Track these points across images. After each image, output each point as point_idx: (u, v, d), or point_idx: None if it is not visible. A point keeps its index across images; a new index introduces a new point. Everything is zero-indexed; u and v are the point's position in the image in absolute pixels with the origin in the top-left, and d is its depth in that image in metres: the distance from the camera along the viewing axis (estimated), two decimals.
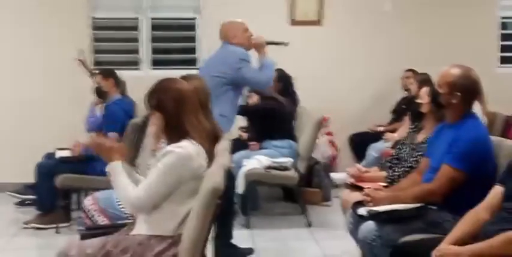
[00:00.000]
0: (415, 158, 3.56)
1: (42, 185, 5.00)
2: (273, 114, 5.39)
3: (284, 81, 5.78)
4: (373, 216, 3.02)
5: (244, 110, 5.52)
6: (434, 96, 3.35)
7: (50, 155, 5.37)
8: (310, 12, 6.67)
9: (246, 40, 4.49)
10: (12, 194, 5.57)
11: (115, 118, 5.02)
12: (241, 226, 4.98)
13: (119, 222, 3.28)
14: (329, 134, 6.35)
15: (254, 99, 5.50)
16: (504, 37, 6.97)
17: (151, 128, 2.86)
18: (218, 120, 3.81)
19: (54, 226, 4.89)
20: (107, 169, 2.76)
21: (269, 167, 5.07)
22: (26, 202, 5.56)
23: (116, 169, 2.74)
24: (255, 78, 4.32)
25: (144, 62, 6.66)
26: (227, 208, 4.32)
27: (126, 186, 2.69)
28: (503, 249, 2.39)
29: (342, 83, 6.65)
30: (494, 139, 3.23)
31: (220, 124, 3.80)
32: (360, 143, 6.19)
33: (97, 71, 5.54)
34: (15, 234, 4.85)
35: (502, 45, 6.94)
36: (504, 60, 6.98)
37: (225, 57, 4.35)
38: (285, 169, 5.10)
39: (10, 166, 6.27)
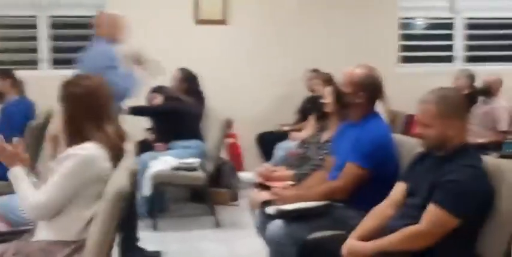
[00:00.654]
0: (320, 157, 3.61)
1: None
2: (177, 115, 5.34)
3: (190, 80, 5.74)
4: (281, 214, 3.04)
5: (147, 111, 5.46)
6: (338, 96, 3.40)
7: None
8: (215, 12, 6.67)
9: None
10: None
11: (12, 120, 4.83)
12: (148, 228, 4.90)
13: (20, 228, 3.15)
14: (231, 136, 6.34)
15: (158, 100, 5.42)
16: (405, 37, 7.22)
17: (50, 132, 2.78)
18: None
19: None
20: (9, 174, 2.64)
21: (176, 168, 5.02)
22: None
23: (18, 174, 2.64)
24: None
25: (42, 61, 6.44)
26: (130, 211, 4.31)
27: (27, 191, 2.59)
28: (404, 243, 2.47)
29: (247, 82, 6.69)
30: (396, 137, 3.32)
31: None
32: (267, 143, 6.24)
33: None
34: None
35: (402, 45, 7.18)
36: (404, 60, 7.23)
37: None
38: (193, 169, 5.06)
39: None
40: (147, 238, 4.67)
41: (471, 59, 7.36)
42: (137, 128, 5.52)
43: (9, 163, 2.67)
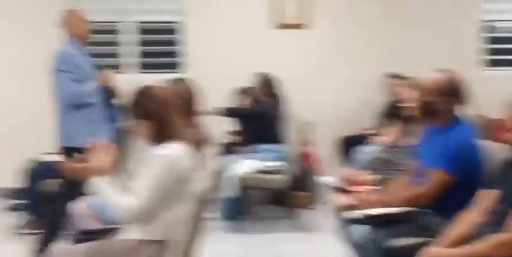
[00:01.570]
0: (404, 162, 3.56)
1: (32, 189, 4.97)
2: (263, 118, 5.37)
3: (269, 85, 5.76)
4: (367, 219, 3.02)
5: (240, 113, 5.49)
6: (421, 103, 3.33)
7: (39, 160, 5.33)
8: (294, 16, 6.69)
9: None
10: (2, 198, 5.56)
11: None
12: (231, 230, 4.97)
13: (109, 227, 3.25)
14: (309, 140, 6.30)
15: (246, 102, 5.44)
16: (492, 40, 7.01)
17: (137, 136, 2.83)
18: None
19: (45, 231, 4.85)
20: (92, 185, 2.71)
21: (261, 171, 5.06)
22: (18, 207, 5.52)
23: (99, 185, 2.69)
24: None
25: (128, 66, 6.63)
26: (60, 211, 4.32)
27: (117, 199, 2.64)
28: (492, 251, 2.41)
29: (327, 86, 6.66)
30: (483, 142, 3.24)
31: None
32: (347, 147, 6.20)
33: None
34: (6, 239, 4.81)
35: (489, 48, 6.98)
36: (491, 64, 7.03)
37: None
38: (277, 172, 5.09)
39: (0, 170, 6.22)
40: (229, 239, 4.75)
41: None
42: (219, 131, 5.61)
43: (85, 178, 2.73)
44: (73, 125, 4.15)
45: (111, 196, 2.65)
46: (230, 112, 5.33)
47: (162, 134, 2.72)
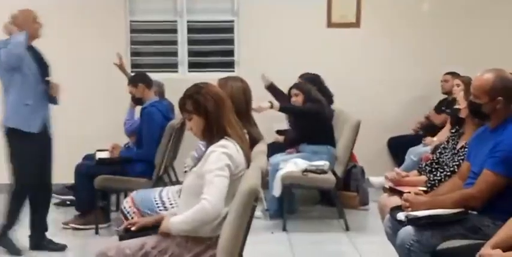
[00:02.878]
0: (456, 163, 3.50)
1: (82, 186, 5.07)
2: (317, 118, 5.31)
3: (317, 83, 5.72)
4: (412, 221, 2.98)
5: (294, 110, 5.46)
6: (472, 106, 3.25)
7: (89, 157, 5.44)
8: (348, 15, 6.64)
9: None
10: (55, 194, 5.67)
11: (152, 120, 5.04)
12: (277, 228, 4.97)
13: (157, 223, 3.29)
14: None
15: (299, 99, 5.40)
16: None
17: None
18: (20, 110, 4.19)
19: (93, 226, 4.95)
20: (164, 231, 2.74)
21: (306, 170, 5.05)
22: (66, 203, 5.65)
23: (172, 226, 2.71)
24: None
25: (181, 65, 6.71)
26: (45, 199, 4.58)
27: (191, 213, 2.66)
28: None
29: (379, 85, 6.59)
30: None
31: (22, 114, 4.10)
32: (398, 147, 6.13)
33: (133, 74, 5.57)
34: (54, 234, 4.89)
35: None
36: None
37: None
38: (322, 172, 5.07)
39: (54, 167, 6.37)
40: (275, 238, 4.75)
41: None
42: (269, 129, 5.63)
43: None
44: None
45: (184, 218, 2.68)
46: (283, 109, 5.33)
47: (214, 132, 2.75)
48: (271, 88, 5.88)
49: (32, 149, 4.35)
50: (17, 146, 4.35)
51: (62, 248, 4.55)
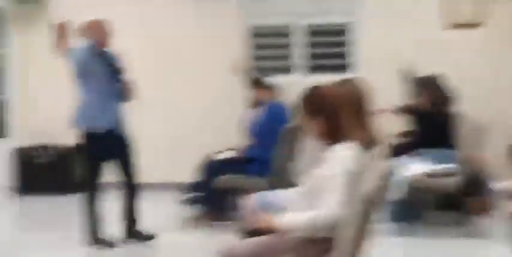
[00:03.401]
0: None
1: (206, 184, 5.23)
2: (439, 120, 5.20)
3: (438, 85, 5.55)
4: None
5: (409, 110, 5.36)
6: None
7: (213, 156, 5.61)
8: (469, 15, 6.41)
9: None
10: (182, 191, 5.89)
11: (271, 122, 5.12)
12: (398, 233, 4.89)
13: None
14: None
15: (424, 100, 5.27)
16: None
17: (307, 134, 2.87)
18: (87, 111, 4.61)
19: (216, 224, 5.09)
20: (280, 228, 2.76)
21: (430, 174, 4.93)
22: (193, 200, 5.84)
23: (284, 228, 2.73)
24: None
25: (298, 68, 6.76)
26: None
27: (305, 218, 2.68)
28: None
29: (499, 88, 6.32)
30: None
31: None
32: None
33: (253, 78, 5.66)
34: (179, 230, 5.11)
35: None
36: None
37: None
38: (446, 176, 4.93)
39: (177, 165, 6.64)
40: (397, 243, 4.67)
41: None
42: (391, 131, 5.55)
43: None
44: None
45: (300, 219, 2.70)
46: (404, 109, 5.23)
47: (333, 134, 2.75)
48: (404, 109, 5.70)
49: (98, 149, 4.64)
50: (85, 145, 4.68)
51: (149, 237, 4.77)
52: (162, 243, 4.76)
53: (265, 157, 5.02)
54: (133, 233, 4.83)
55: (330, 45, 6.77)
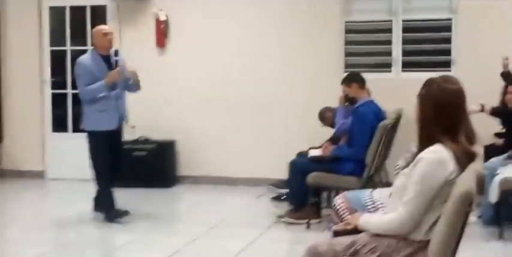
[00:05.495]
0: None
1: (295, 181, 5.26)
2: None
3: None
4: None
5: (502, 113, 5.19)
6: None
7: (302, 154, 5.62)
8: None
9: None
10: (271, 187, 5.97)
11: (364, 120, 5.07)
12: (492, 236, 4.74)
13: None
14: None
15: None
16: None
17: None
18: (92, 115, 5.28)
19: (305, 221, 5.11)
20: (361, 225, 2.81)
21: None
22: (281, 198, 5.89)
23: (366, 224, 2.79)
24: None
25: (395, 64, 6.65)
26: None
27: (383, 219, 2.72)
28: None
29: None
30: None
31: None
32: None
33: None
34: (269, 227, 5.17)
35: None
36: None
37: None
38: None
39: (268, 162, 6.71)
40: (489, 246, 4.53)
41: None
42: (487, 132, 5.37)
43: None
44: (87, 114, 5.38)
45: (377, 220, 2.75)
46: (494, 112, 5.05)
47: (426, 135, 2.70)
48: (506, 75, 5.55)
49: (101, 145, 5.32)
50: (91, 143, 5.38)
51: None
52: (253, 239, 4.82)
53: (356, 156, 4.98)
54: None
55: (428, 42, 6.61)
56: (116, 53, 5.38)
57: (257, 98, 6.91)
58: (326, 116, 5.90)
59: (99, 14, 7.43)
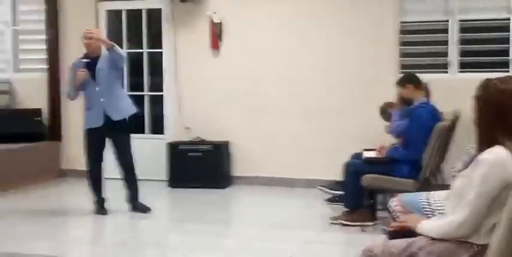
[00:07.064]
0: None
1: (349, 183, 5.23)
2: None
3: None
4: None
5: None
6: None
7: (357, 155, 5.59)
8: None
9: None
10: (323, 188, 5.94)
11: (420, 121, 5.01)
12: None
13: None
14: None
15: None
16: None
17: None
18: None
19: (359, 224, 5.08)
20: (419, 229, 2.80)
21: None
22: (336, 199, 5.87)
23: (424, 228, 2.77)
24: None
25: (452, 65, 6.55)
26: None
27: (442, 222, 2.70)
28: None
29: None
30: None
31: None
32: None
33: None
34: (323, 229, 5.16)
35: None
36: None
37: None
38: None
39: (322, 163, 6.70)
40: None
41: None
42: None
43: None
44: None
45: (436, 224, 2.72)
46: None
47: (487, 136, 2.65)
48: None
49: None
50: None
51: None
52: (307, 241, 4.82)
53: (413, 158, 4.92)
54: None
55: (485, 42, 6.49)
56: (93, 59, 5.65)
57: (310, 99, 6.91)
58: (387, 111, 5.86)
59: (154, 17, 7.56)
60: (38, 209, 6.06)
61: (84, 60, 5.66)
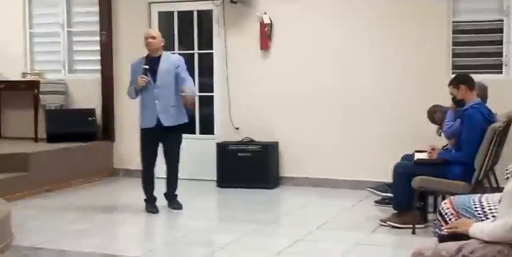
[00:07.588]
0: None
1: (399, 185, 5.16)
2: None
3: None
4: None
5: None
6: None
7: (408, 157, 5.52)
8: None
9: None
10: (371, 190, 5.88)
11: (473, 123, 4.91)
12: None
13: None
14: None
15: None
16: None
17: None
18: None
19: (410, 226, 5.01)
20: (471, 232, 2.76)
21: None
22: (385, 200, 5.81)
23: (476, 232, 2.73)
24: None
25: (506, 65, 6.40)
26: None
27: (495, 225, 2.65)
28: None
29: None
30: None
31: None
32: None
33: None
34: (373, 230, 5.11)
35: None
36: None
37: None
38: None
39: (372, 164, 6.65)
40: None
41: None
42: None
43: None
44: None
45: (484, 228, 2.68)
46: None
47: None
48: None
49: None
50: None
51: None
52: (356, 243, 4.79)
53: (465, 159, 4.84)
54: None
55: None
56: (154, 60, 5.77)
57: (360, 100, 6.86)
58: (434, 115, 5.77)
59: (205, 18, 7.63)
60: (91, 207, 6.19)
61: (145, 66, 5.74)
